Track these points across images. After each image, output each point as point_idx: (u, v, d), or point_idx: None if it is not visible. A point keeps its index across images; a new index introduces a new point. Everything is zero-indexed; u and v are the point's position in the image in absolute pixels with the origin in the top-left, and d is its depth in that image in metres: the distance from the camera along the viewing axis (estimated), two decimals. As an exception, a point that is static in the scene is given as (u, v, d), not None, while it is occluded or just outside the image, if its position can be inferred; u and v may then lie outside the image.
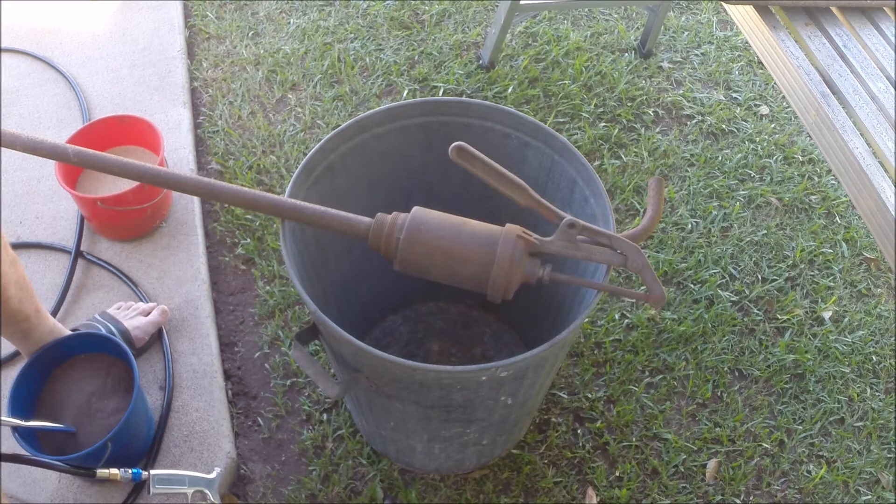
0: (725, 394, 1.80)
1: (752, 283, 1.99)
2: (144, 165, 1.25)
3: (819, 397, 1.81)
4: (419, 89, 2.31)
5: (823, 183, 2.21)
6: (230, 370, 1.77)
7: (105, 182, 1.91)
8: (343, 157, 1.41)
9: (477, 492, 1.62)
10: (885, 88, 1.59)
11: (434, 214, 1.21)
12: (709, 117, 2.32)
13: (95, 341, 1.54)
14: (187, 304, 1.80)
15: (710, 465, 1.70)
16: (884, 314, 1.96)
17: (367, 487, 1.61)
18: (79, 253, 1.87)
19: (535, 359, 1.14)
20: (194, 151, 2.13)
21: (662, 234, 2.05)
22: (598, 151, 2.20)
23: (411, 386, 1.20)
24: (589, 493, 1.64)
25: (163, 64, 2.33)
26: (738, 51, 2.53)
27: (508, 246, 1.15)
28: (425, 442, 1.45)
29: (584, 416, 1.74)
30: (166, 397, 1.64)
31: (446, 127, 1.45)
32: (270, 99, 2.28)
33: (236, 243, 1.97)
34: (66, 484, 1.54)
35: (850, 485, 1.70)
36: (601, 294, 1.27)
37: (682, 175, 2.19)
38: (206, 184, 1.26)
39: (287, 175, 2.08)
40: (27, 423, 1.39)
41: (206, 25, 2.47)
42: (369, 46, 2.42)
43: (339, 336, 1.15)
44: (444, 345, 1.80)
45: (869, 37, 1.70)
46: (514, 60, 2.40)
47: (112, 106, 2.21)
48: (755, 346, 1.88)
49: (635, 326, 1.87)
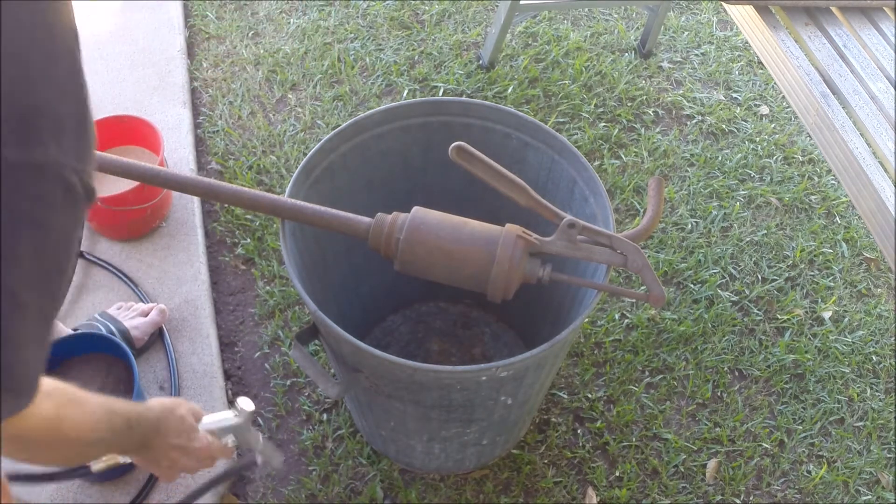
0: (725, 394, 1.80)
1: (752, 283, 1.99)
2: (144, 165, 1.25)
3: (819, 397, 1.81)
4: (419, 89, 2.31)
5: (823, 183, 2.21)
6: (230, 370, 1.77)
7: (105, 182, 1.91)
8: (343, 157, 1.41)
9: (477, 492, 1.62)
10: (885, 88, 1.59)
11: (434, 214, 1.21)
12: (709, 117, 2.32)
13: (95, 341, 1.54)
14: (187, 304, 1.80)
15: (710, 465, 1.70)
16: (884, 314, 1.96)
17: (367, 487, 1.61)
18: (78, 253, 1.87)
19: (535, 359, 1.14)
20: (194, 151, 2.13)
21: (662, 234, 2.05)
22: (598, 151, 2.20)
23: (411, 386, 1.20)
24: (589, 493, 1.64)
25: (163, 64, 2.33)
26: (738, 51, 2.53)
27: (508, 246, 1.15)
28: (425, 442, 1.45)
29: (584, 416, 1.74)
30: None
31: (446, 127, 1.45)
32: (270, 99, 2.28)
33: (236, 243, 1.97)
34: (66, 484, 1.54)
35: (850, 485, 1.70)
36: (601, 294, 1.27)
37: (682, 175, 2.19)
38: (206, 184, 1.26)
39: (287, 175, 2.08)
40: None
41: (206, 25, 2.47)
42: (369, 46, 2.42)
43: (339, 336, 1.15)
44: (444, 345, 1.80)
45: (869, 37, 1.70)
46: (514, 60, 2.40)
47: (112, 106, 2.21)
48: (755, 346, 1.88)
49: (635, 326, 1.87)
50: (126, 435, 0.92)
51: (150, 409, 0.99)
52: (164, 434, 1.00)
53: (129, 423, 0.92)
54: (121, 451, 1.00)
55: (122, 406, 0.91)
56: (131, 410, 0.94)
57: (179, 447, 1.03)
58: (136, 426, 0.94)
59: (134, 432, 0.93)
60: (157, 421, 0.99)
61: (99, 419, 0.85)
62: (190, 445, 1.04)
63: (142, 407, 0.98)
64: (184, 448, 1.03)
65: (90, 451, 0.90)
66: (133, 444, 0.96)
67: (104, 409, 0.87)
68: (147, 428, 0.97)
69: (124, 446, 0.96)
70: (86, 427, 0.83)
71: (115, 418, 0.88)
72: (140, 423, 0.95)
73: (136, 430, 0.94)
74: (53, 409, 0.77)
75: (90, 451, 0.90)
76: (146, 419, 0.97)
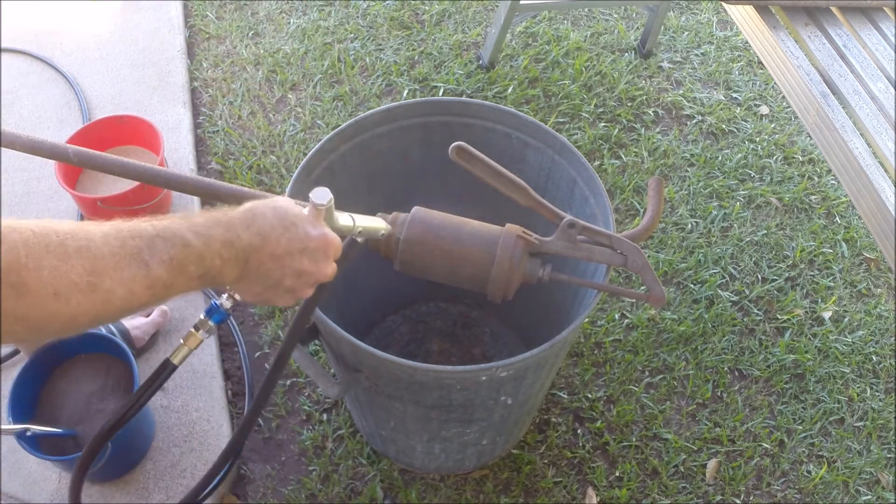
0: (725, 394, 1.80)
1: (752, 283, 1.99)
2: (144, 165, 1.25)
3: (819, 397, 1.81)
4: (419, 89, 2.30)
5: (823, 183, 2.21)
6: (230, 370, 1.77)
7: (105, 182, 1.91)
8: (343, 156, 1.41)
9: (477, 492, 1.62)
10: (885, 88, 1.59)
11: (434, 214, 1.20)
12: (709, 117, 2.32)
13: (95, 341, 1.54)
14: (187, 304, 1.80)
15: (710, 465, 1.70)
16: (884, 314, 1.96)
17: (367, 487, 1.61)
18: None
19: (535, 359, 1.14)
20: (194, 151, 2.13)
21: (662, 234, 2.05)
22: (598, 151, 2.20)
23: (411, 386, 1.20)
24: (589, 493, 1.63)
25: (163, 64, 2.33)
26: (738, 51, 2.53)
27: (508, 246, 1.15)
28: (425, 442, 1.45)
29: (584, 416, 1.74)
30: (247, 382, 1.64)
31: (446, 127, 1.45)
32: (270, 99, 2.28)
33: (236, 243, 1.97)
34: (66, 484, 1.54)
35: (850, 485, 1.70)
36: (601, 294, 1.27)
37: (682, 175, 2.19)
38: (206, 184, 1.25)
39: (287, 175, 2.08)
40: (30, 431, 1.39)
41: (206, 25, 2.47)
42: (369, 46, 2.41)
43: (339, 336, 1.15)
44: (444, 345, 1.80)
45: (869, 37, 1.70)
46: (514, 60, 2.40)
47: (112, 106, 2.21)
48: (755, 346, 1.88)
49: (635, 326, 1.87)
50: (182, 276, 0.64)
51: (225, 217, 0.69)
52: (269, 241, 0.71)
53: (182, 260, 0.63)
54: (187, 290, 0.67)
55: (154, 239, 0.61)
56: (178, 238, 0.63)
57: (295, 251, 0.73)
58: (200, 259, 0.64)
59: (204, 265, 0.65)
60: (246, 233, 0.69)
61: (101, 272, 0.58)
62: (307, 243, 0.74)
63: (203, 220, 0.68)
64: (302, 248, 0.73)
65: (102, 309, 0.60)
66: (208, 277, 0.67)
67: (111, 252, 0.59)
68: (232, 252, 0.68)
69: (195, 285, 0.67)
70: (65, 284, 0.57)
71: (140, 266, 0.60)
72: (207, 253, 0.65)
73: (206, 262, 0.65)
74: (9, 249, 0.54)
75: (102, 309, 0.60)
76: (227, 235, 0.66)
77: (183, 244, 0.64)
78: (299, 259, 0.73)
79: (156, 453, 1.59)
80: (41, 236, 0.56)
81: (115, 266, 0.59)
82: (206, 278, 0.67)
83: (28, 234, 0.56)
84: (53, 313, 0.57)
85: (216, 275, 0.67)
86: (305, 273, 0.75)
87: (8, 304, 0.54)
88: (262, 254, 0.71)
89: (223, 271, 0.68)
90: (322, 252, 0.76)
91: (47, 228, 0.57)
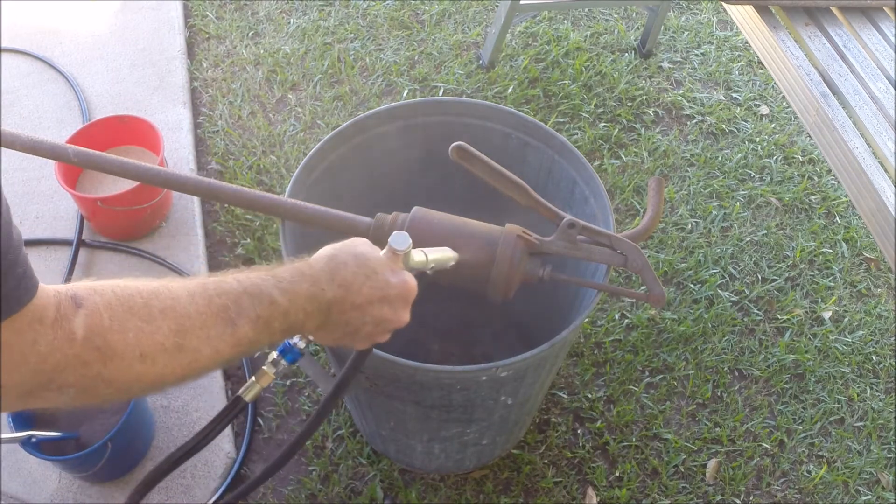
0: (725, 394, 1.80)
1: (752, 283, 1.99)
2: (144, 165, 1.25)
3: (819, 397, 1.81)
4: (419, 89, 2.30)
5: (823, 183, 2.21)
6: (230, 370, 1.77)
7: (105, 182, 1.91)
8: (343, 157, 1.41)
9: (477, 492, 1.62)
10: (885, 88, 1.59)
11: (434, 214, 1.20)
12: (709, 117, 2.32)
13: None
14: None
15: (710, 465, 1.70)
16: (884, 314, 1.96)
17: (367, 487, 1.61)
18: (78, 253, 1.87)
19: (535, 359, 1.14)
20: (194, 151, 2.13)
21: (662, 234, 2.05)
22: (598, 151, 2.20)
23: (411, 386, 1.20)
24: (589, 493, 1.64)
25: (163, 64, 2.33)
26: (738, 51, 2.53)
27: (508, 246, 1.15)
28: (425, 442, 1.45)
29: (584, 416, 1.74)
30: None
31: (446, 127, 1.45)
32: (270, 99, 2.28)
33: (236, 243, 1.97)
34: (66, 484, 1.54)
35: (850, 485, 1.70)
36: (601, 294, 1.27)
37: (682, 175, 2.19)
38: (206, 184, 1.26)
39: (287, 175, 2.08)
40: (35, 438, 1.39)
41: (206, 25, 2.47)
42: (369, 46, 2.41)
43: (339, 336, 1.15)
44: (444, 345, 1.80)
45: (869, 37, 1.70)
46: (514, 60, 2.40)
47: (112, 106, 2.21)
48: (755, 346, 1.88)
49: (635, 326, 1.87)
50: (266, 332, 0.65)
51: (310, 270, 0.71)
52: (351, 292, 0.71)
53: (268, 317, 0.64)
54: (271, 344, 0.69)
55: (240, 298, 0.62)
56: (265, 295, 0.64)
57: (376, 300, 0.73)
58: (285, 315, 0.66)
59: (289, 320, 0.66)
60: (331, 286, 0.69)
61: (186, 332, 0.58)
62: (388, 291, 0.74)
63: (288, 275, 0.68)
64: (382, 297, 0.74)
65: (189, 367, 0.61)
66: (291, 331, 0.68)
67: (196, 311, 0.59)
68: (315, 306, 0.68)
69: (278, 339, 0.69)
70: (152, 345, 0.57)
71: (225, 324, 0.60)
72: (292, 308, 0.66)
73: (290, 317, 0.66)
74: (83, 322, 0.54)
75: (189, 367, 0.61)
76: (308, 296, 0.67)
77: (270, 301, 0.66)
78: (379, 307, 0.74)
79: (156, 453, 1.59)
80: (123, 298, 0.57)
81: (202, 325, 0.60)
82: (289, 332, 0.69)
83: (110, 296, 0.56)
84: (140, 375, 0.58)
85: (299, 327, 0.69)
86: (385, 321, 0.76)
87: (94, 368, 0.54)
88: (345, 304, 0.72)
89: (306, 323, 0.70)
90: (402, 300, 0.77)
91: (130, 289, 0.58)
